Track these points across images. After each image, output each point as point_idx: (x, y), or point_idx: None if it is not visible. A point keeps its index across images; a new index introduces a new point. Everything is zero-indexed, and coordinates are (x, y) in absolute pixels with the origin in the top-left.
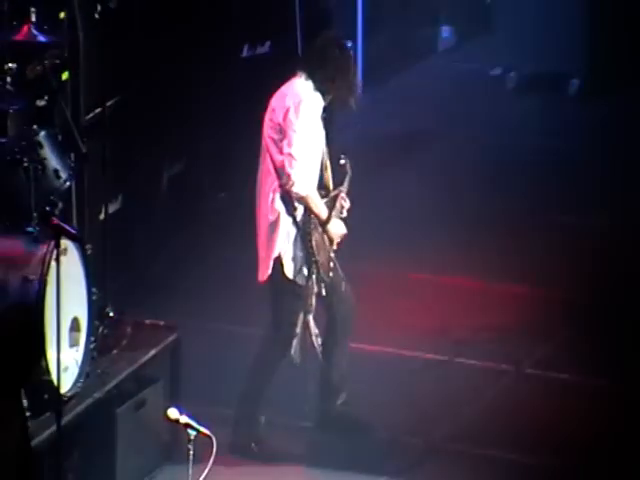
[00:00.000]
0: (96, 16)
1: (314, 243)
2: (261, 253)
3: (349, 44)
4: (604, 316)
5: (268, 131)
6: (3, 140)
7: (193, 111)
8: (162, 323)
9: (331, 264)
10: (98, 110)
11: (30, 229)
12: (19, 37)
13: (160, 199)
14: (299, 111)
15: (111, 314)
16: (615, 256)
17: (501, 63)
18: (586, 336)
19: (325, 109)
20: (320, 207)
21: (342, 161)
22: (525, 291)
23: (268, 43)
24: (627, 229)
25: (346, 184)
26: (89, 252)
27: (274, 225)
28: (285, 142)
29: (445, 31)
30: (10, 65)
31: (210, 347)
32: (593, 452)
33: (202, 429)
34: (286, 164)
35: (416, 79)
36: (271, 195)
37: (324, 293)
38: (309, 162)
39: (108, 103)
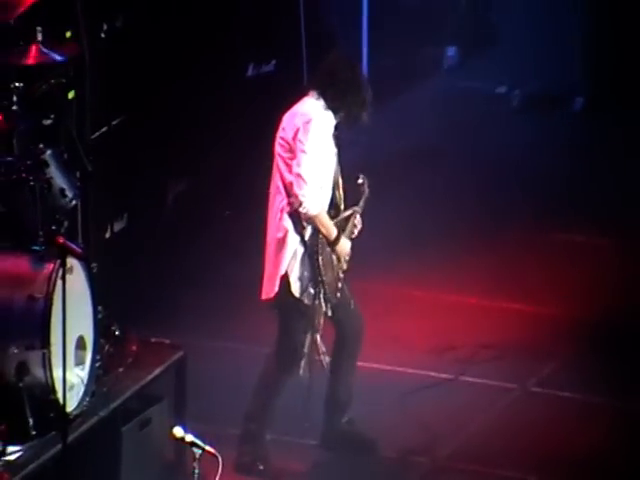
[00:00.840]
0: (102, 35)
1: (321, 262)
2: (268, 270)
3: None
4: (609, 334)
5: (278, 149)
6: (9, 159)
7: (198, 130)
8: (167, 341)
9: (339, 284)
10: (104, 129)
11: (36, 247)
12: (26, 57)
13: (165, 217)
14: (309, 131)
15: (117, 332)
16: (619, 274)
17: (506, 81)
18: (591, 354)
19: (337, 127)
20: (329, 227)
21: (360, 180)
22: (529, 309)
23: (273, 62)
24: (629, 246)
25: (361, 204)
26: (95, 270)
27: (282, 243)
28: (295, 162)
29: (450, 50)
30: (16, 84)
31: (216, 365)
32: (598, 470)
33: (207, 448)
34: (295, 185)
35: (421, 98)
36: (279, 213)
37: (330, 313)
38: (318, 182)
39: (114, 122)
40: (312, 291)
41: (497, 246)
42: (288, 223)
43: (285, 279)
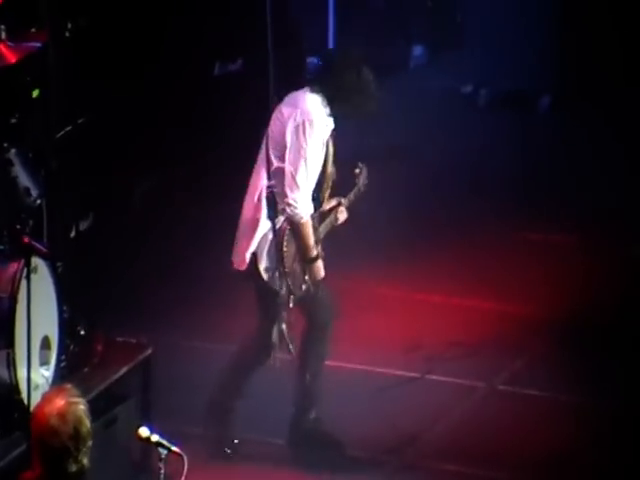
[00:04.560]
0: (67, 34)
1: (285, 255)
2: (240, 243)
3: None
4: (576, 332)
5: (273, 131)
6: None
7: (165, 128)
8: (134, 341)
9: (305, 278)
10: (69, 128)
11: (0, 247)
12: None
13: (132, 216)
14: (310, 133)
15: (82, 332)
16: (587, 272)
17: (472, 80)
18: (558, 352)
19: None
20: (310, 239)
21: (357, 170)
22: (497, 307)
23: (240, 61)
24: (598, 245)
25: (351, 195)
26: (60, 270)
27: (256, 223)
28: (291, 164)
29: (416, 49)
30: None
31: (182, 364)
32: (564, 468)
33: (173, 448)
34: (288, 188)
35: (387, 96)
36: (258, 193)
37: (292, 305)
38: (310, 189)
39: (79, 120)
40: (278, 280)
41: (465, 245)
42: (264, 206)
43: (255, 258)
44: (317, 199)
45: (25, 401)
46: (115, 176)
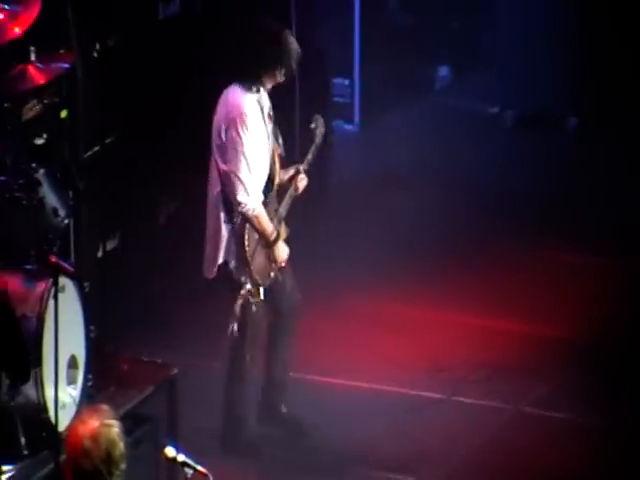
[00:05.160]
0: (94, 54)
1: (247, 251)
2: (207, 251)
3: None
4: (603, 356)
5: (214, 138)
6: (2, 178)
7: (190, 149)
8: (159, 360)
9: (271, 272)
10: (96, 148)
11: (28, 266)
12: (18, 76)
13: (157, 236)
14: (240, 127)
15: (109, 351)
16: (612, 294)
17: (498, 101)
18: (585, 376)
19: (273, 100)
20: (266, 229)
21: (312, 125)
22: (522, 329)
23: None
24: (623, 267)
25: (309, 156)
26: (87, 289)
27: (218, 230)
28: (228, 160)
29: (442, 70)
30: (9, 104)
31: (208, 385)
32: None
33: (199, 467)
34: (231, 185)
35: (413, 117)
36: (214, 200)
37: (262, 297)
38: (255, 179)
39: (106, 141)
40: (244, 276)
41: (490, 265)
42: (223, 211)
43: (224, 267)
44: (270, 182)
45: (52, 420)
46: (142, 196)
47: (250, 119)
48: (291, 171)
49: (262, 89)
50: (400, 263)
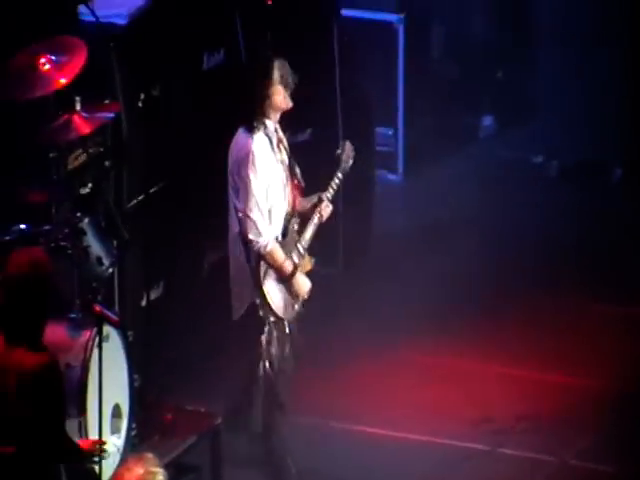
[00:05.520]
0: (139, 104)
1: (264, 286)
2: (234, 292)
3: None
4: None
5: (229, 179)
6: (47, 227)
7: None
8: (203, 410)
9: (295, 306)
10: (141, 197)
11: (73, 315)
12: (64, 126)
13: (201, 285)
14: (248, 166)
15: (152, 400)
16: None
17: (543, 151)
18: (631, 427)
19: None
20: (282, 264)
21: (338, 150)
22: (566, 380)
23: (309, 130)
24: None
25: (333, 184)
26: (131, 339)
27: (242, 269)
28: (239, 200)
29: (486, 119)
30: (55, 154)
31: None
32: None
33: None
34: (243, 225)
35: (457, 167)
36: (237, 238)
37: (287, 330)
38: (266, 216)
39: (151, 190)
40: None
41: (534, 317)
42: (243, 251)
43: (252, 306)
44: (287, 214)
45: (97, 470)
46: (185, 246)
47: (258, 158)
48: (314, 199)
49: (267, 121)
50: (444, 314)
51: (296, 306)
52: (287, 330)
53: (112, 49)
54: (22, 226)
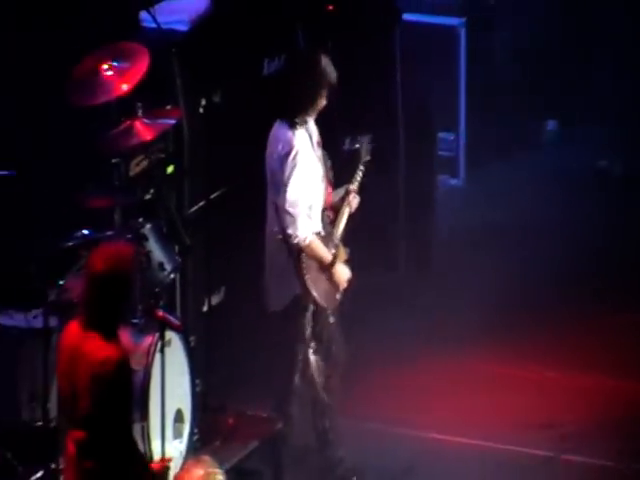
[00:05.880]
0: (200, 110)
1: (307, 278)
2: (272, 285)
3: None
4: None
5: (268, 175)
6: (110, 233)
7: None
8: (264, 415)
9: (337, 296)
10: (202, 203)
11: (135, 320)
12: (126, 132)
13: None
14: (289, 163)
15: (214, 405)
16: None
17: (607, 155)
18: None
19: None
20: (322, 255)
21: (356, 145)
22: (629, 385)
23: (369, 136)
24: None
25: (357, 176)
26: (192, 344)
27: (284, 262)
28: (280, 196)
29: (550, 123)
30: (117, 160)
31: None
32: None
33: None
34: (283, 220)
35: (519, 171)
36: (276, 234)
37: (332, 320)
38: (306, 211)
39: (212, 195)
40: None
41: (595, 323)
42: (282, 248)
43: (295, 298)
44: (322, 208)
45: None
46: (246, 251)
47: (300, 154)
48: (341, 192)
49: (308, 118)
50: (504, 319)
51: (337, 295)
52: (331, 320)
53: (174, 55)
54: (85, 232)
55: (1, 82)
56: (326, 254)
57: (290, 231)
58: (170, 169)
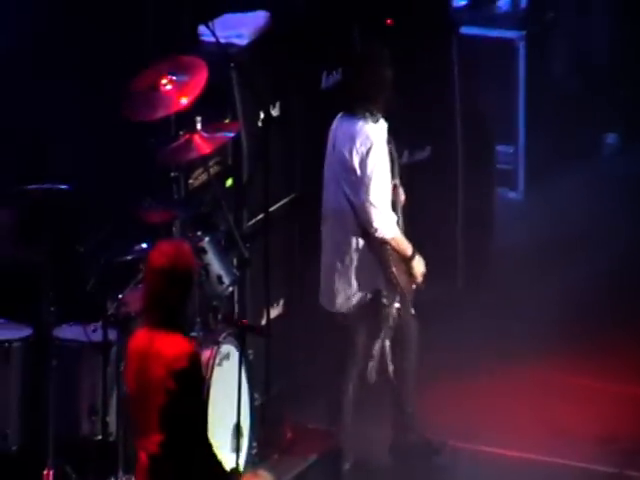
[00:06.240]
0: (259, 123)
1: (394, 271)
2: (340, 285)
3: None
4: None
5: (338, 169)
6: None
7: None
8: (323, 429)
9: (413, 287)
10: (261, 216)
11: (194, 334)
12: (185, 146)
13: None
14: (371, 157)
15: (273, 419)
16: None
17: None
18: None
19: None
20: (404, 247)
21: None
22: None
23: (428, 148)
24: None
25: (396, 173)
26: (251, 357)
27: (359, 259)
28: (362, 189)
29: (609, 137)
30: (176, 173)
31: (371, 451)
32: None
33: None
34: (366, 213)
35: (579, 184)
36: (350, 230)
37: (413, 311)
38: (387, 202)
39: (271, 208)
40: (391, 296)
41: None
42: (357, 238)
43: (373, 295)
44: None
45: None
46: (304, 265)
47: (381, 148)
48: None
49: (379, 115)
50: (566, 332)
51: (414, 286)
52: (412, 311)
53: (232, 69)
54: (144, 245)
55: (61, 96)
56: (408, 246)
57: (376, 224)
58: (229, 182)
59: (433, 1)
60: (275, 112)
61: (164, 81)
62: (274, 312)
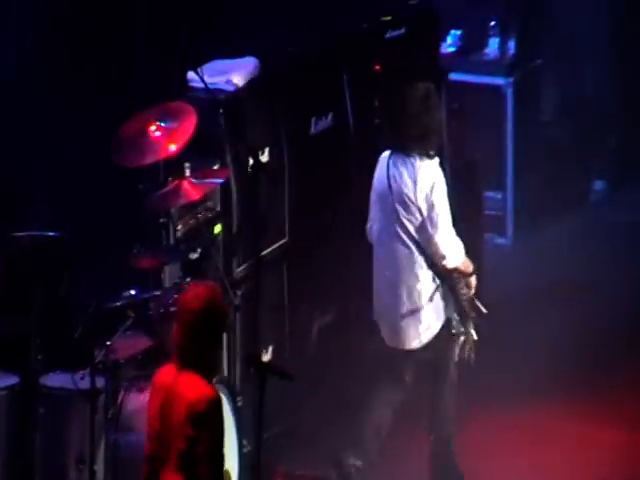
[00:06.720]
0: (248, 169)
1: (464, 299)
2: (405, 325)
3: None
4: None
5: (399, 208)
6: (157, 293)
7: (347, 261)
8: (314, 475)
9: (476, 302)
10: (250, 262)
11: None
12: (173, 192)
13: (310, 349)
14: (436, 194)
15: (261, 465)
16: None
17: None
18: None
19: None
20: (468, 262)
21: None
22: None
23: None
24: None
25: None
26: (240, 404)
27: (420, 292)
28: (430, 225)
29: (597, 184)
30: (164, 219)
31: None
32: None
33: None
34: (436, 246)
35: (567, 231)
36: (408, 265)
37: (476, 337)
38: (453, 232)
39: (261, 254)
40: (461, 326)
41: None
42: (423, 273)
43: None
44: None
45: None
46: (295, 309)
47: (442, 184)
48: None
49: (433, 152)
50: (555, 377)
51: (476, 301)
52: (475, 336)
53: (221, 115)
54: (132, 292)
55: (49, 142)
56: (471, 263)
57: (447, 255)
58: (218, 229)
59: (422, 47)
60: (264, 158)
61: (153, 127)
62: (265, 357)
